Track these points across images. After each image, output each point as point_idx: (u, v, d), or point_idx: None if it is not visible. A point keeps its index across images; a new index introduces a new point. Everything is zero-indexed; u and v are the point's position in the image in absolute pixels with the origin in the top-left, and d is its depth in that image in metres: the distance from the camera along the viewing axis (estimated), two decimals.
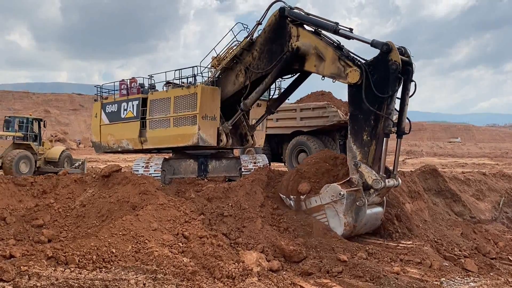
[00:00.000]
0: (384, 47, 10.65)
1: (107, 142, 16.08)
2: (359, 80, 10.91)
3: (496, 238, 13.64)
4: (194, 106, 13.85)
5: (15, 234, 10.64)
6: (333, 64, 11.64)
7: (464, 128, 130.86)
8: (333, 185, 11.04)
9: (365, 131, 10.96)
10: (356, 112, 11.20)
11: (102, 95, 16.55)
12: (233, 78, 14.25)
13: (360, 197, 10.85)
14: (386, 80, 10.67)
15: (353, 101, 11.25)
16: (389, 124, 10.87)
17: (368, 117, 10.90)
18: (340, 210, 10.89)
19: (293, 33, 12.52)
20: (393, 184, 11.37)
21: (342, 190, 10.81)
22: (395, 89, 10.83)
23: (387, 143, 11.03)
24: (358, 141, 11.05)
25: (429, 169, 16.93)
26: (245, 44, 13.71)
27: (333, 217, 11.05)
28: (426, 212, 14.16)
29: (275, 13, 13.02)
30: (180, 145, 14.52)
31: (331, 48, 11.80)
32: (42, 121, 24.19)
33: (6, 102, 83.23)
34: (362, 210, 10.87)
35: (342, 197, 10.79)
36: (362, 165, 10.87)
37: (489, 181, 18.95)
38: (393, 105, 10.98)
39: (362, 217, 10.95)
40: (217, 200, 11.80)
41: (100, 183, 12.57)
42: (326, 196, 11.11)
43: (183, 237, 9.62)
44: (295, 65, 12.69)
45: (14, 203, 11.84)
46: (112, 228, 9.29)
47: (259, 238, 10.28)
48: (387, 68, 10.62)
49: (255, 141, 16.19)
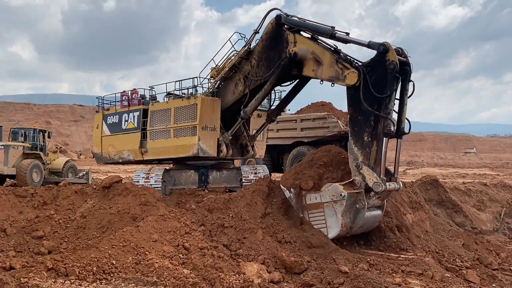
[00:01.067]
0: (381, 47, 10.71)
1: (108, 153, 16.14)
2: (357, 81, 10.93)
3: (498, 249, 13.60)
4: (194, 117, 13.90)
5: (15, 245, 10.61)
6: (331, 68, 11.69)
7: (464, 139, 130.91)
8: (335, 185, 10.99)
9: (365, 132, 10.96)
10: (355, 114, 11.23)
11: (103, 107, 16.63)
12: (233, 87, 14.30)
13: (360, 200, 10.80)
14: (384, 80, 10.71)
15: (352, 103, 11.27)
16: (389, 124, 10.88)
17: (368, 118, 10.92)
18: (338, 211, 10.85)
19: (290, 40, 12.61)
20: (394, 187, 11.32)
21: (343, 191, 10.76)
22: (394, 89, 10.88)
23: (387, 143, 11.02)
24: (359, 142, 11.04)
25: (430, 179, 16.91)
26: (243, 53, 13.80)
27: (331, 216, 11.01)
28: (427, 223, 14.13)
29: (271, 21, 13.14)
30: (180, 156, 14.54)
31: (328, 52, 11.88)
32: (46, 132, 24.55)
33: (7, 113, 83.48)
34: (361, 213, 10.83)
35: (342, 198, 10.75)
36: (364, 166, 10.83)
37: (490, 192, 18.91)
38: (392, 105, 11.00)
39: (360, 220, 10.93)
40: (218, 211, 11.77)
41: (100, 194, 12.56)
42: (326, 194, 11.06)
43: (184, 249, 9.58)
44: (294, 71, 12.74)
45: (15, 214, 11.81)
46: (112, 239, 9.26)
47: (260, 249, 10.24)
48: (385, 68, 10.67)
49: (255, 152, 16.20)
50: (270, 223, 11.48)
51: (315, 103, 25.33)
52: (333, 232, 10.99)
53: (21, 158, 21.79)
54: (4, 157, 20.99)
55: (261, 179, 13.23)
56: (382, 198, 11.34)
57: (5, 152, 21.12)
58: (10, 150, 21.43)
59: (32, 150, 22.71)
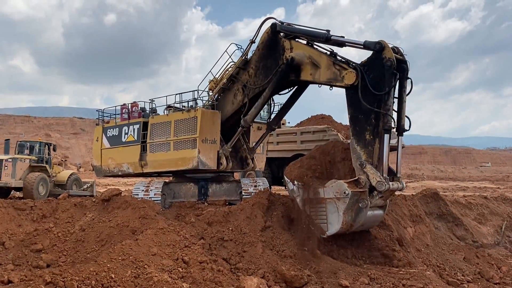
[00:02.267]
0: (377, 46, 10.82)
1: (107, 166, 16.11)
2: (355, 81, 11.00)
3: (499, 262, 13.53)
4: (194, 130, 13.91)
5: (13, 259, 10.56)
6: (329, 70, 11.77)
7: (464, 152, 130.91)
8: (339, 182, 10.94)
9: (367, 130, 10.98)
10: (355, 113, 11.26)
11: (103, 119, 16.65)
12: (231, 98, 14.38)
13: (364, 199, 10.75)
14: (382, 77, 10.80)
15: (352, 103, 11.32)
16: (389, 120, 10.94)
17: (368, 117, 10.96)
18: (341, 208, 10.80)
19: (287, 46, 12.75)
20: (397, 187, 11.32)
21: (347, 189, 10.71)
22: (392, 86, 10.93)
23: (388, 140, 11.01)
24: (361, 141, 11.04)
25: (430, 192, 16.89)
26: (240, 63, 13.94)
27: (333, 212, 10.96)
28: (428, 236, 14.06)
29: (267, 30, 13.29)
30: (180, 169, 14.51)
31: (325, 55, 11.99)
32: (51, 145, 24.99)
33: (8, 126, 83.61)
34: (363, 212, 10.77)
35: (346, 196, 10.70)
36: (367, 165, 10.79)
37: (491, 205, 18.86)
38: (391, 102, 11.04)
39: (362, 219, 10.87)
40: (217, 224, 11.72)
41: (100, 207, 12.53)
42: (330, 191, 11.01)
43: (183, 262, 9.52)
44: (291, 76, 12.79)
45: (13, 227, 11.77)
46: (111, 252, 9.20)
47: (259, 263, 10.18)
48: (382, 65, 10.76)
49: (255, 164, 16.17)
50: (270, 237, 11.42)
51: (315, 116, 25.37)
52: (333, 229, 10.95)
53: (27, 170, 22.17)
54: (12, 169, 21.43)
55: (261, 192, 13.19)
56: (385, 197, 11.32)
57: (13, 164, 21.58)
58: (18, 163, 21.85)
59: (38, 163, 23.05)
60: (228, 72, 14.28)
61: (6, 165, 21.42)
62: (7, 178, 21.28)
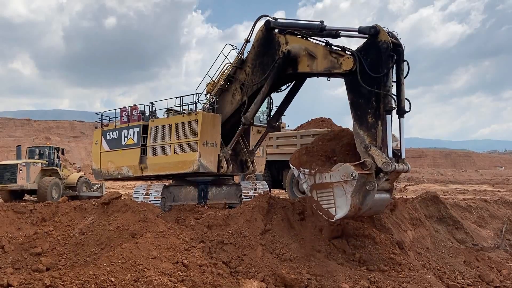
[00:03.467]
0: (371, 30, 10.98)
1: (107, 169, 16.08)
2: (353, 66, 11.15)
3: (500, 266, 13.50)
4: (195, 133, 13.92)
5: (13, 262, 10.53)
6: (326, 59, 11.93)
7: (464, 155, 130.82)
8: (346, 165, 10.90)
9: (368, 113, 11.07)
10: (356, 98, 11.36)
11: (102, 122, 16.64)
12: (230, 98, 14.45)
13: (370, 181, 10.74)
14: (379, 60, 10.94)
15: (352, 89, 11.44)
16: (390, 101, 11.05)
17: (369, 100, 11.07)
18: (348, 191, 10.74)
19: (282, 41, 12.90)
20: (402, 168, 11.34)
21: (354, 172, 10.66)
22: (390, 67, 11.05)
23: (391, 121, 11.10)
24: (364, 125, 11.13)
25: (430, 195, 16.86)
26: (237, 62, 14.06)
27: (340, 196, 10.90)
28: (428, 240, 14.04)
29: (261, 28, 13.46)
30: (180, 172, 14.51)
31: (320, 45, 12.16)
32: (60, 149, 26.56)
33: (8, 129, 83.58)
34: (370, 194, 10.75)
35: (353, 178, 10.64)
36: (372, 147, 10.83)
37: (491, 208, 18.84)
38: (390, 83, 11.16)
39: (369, 201, 10.84)
40: (217, 227, 11.71)
41: (99, 210, 12.51)
42: (337, 174, 10.95)
43: (183, 266, 9.51)
44: (289, 70, 12.91)
45: (13, 230, 11.75)
46: (111, 256, 9.19)
47: (259, 266, 10.17)
48: (378, 48, 10.91)
49: (255, 168, 16.16)
50: (270, 240, 11.42)
51: (315, 119, 25.40)
52: (341, 212, 10.88)
53: (40, 174, 23.80)
54: (26, 173, 23.03)
55: (261, 195, 13.18)
56: (391, 180, 11.36)
57: (27, 168, 23.20)
58: (31, 167, 23.47)
59: (49, 167, 24.60)
60: (225, 73, 14.35)
61: (21, 169, 22.96)
62: (22, 181, 22.86)
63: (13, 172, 23.02)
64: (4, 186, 23.13)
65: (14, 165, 23.22)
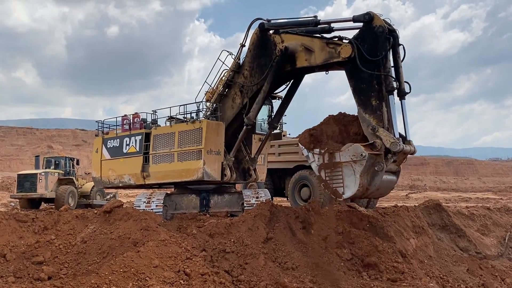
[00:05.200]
0: (366, 16, 11.46)
1: (108, 177, 15.93)
2: (352, 52, 11.51)
3: (503, 274, 13.44)
4: (199, 141, 13.87)
5: (14, 271, 10.51)
6: (323, 51, 12.30)
7: (466, 163, 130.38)
8: (356, 145, 11.14)
9: (372, 97, 11.41)
10: (357, 84, 11.71)
11: (103, 130, 16.57)
12: (230, 103, 14.56)
13: (379, 162, 10.96)
14: (376, 44, 11.42)
15: (352, 76, 11.82)
16: (391, 82, 11.44)
17: (371, 84, 11.43)
18: (357, 170, 10.97)
19: (277, 41, 13.21)
20: (409, 149, 11.58)
21: (364, 151, 10.90)
22: (388, 49, 11.50)
23: (393, 102, 11.43)
24: (368, 108, 11.42)
25: (433, 203, 16.83)
26: (234, 67, 14.24)
27: (349, 176, 11.12)
28: (431, 248, 13.98)
29: (255, 31, 13.75)
30: (184, 180, 14.40)
31: (316, 39, 12.51)
32: (74, 160, 27.77)
33: (10, 137, 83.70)
34: (379, 175, 10.97)
35: (363, 158, 10.89)
36: (380, 129, 11.09)
37: (494, 216, 18.78)
38: (389, 64, 11.62)
39: (377, 182, 11.05)
40: (219, 236, 11.67)
41: (101, 219, 12.49)
42: (346, 154, 11.20)
43: (185, 274, 9.48)
44: (287, 66, 13.19)
45: (15, 239, 11.73)
46: (113, 265, 9.17)
47: (261, 275, 10.12)
48: (375, 33, 11.40)
49: (257, 176, 16.11)
50: (272, 248, 11.38)
51: None
52: (349, 192, 11.10)
53: (57, 183, 24.76)
54: (45, 182, 24.04)
55: (263, 204, 13.14)
56: (398, 162, 11.60)
57: (45, 178, 24.21)
58: (49, 177, 24.50)
59: (65, 176, 25.69)
60: (223, 79, 14.50)
61: (40, 178, 23.95)
62: (41, 190, 23.80)
63: (33, 181, 24.01)
64: (24, 194, 24.09)
65: (34, 175, 24.24)
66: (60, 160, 26.70)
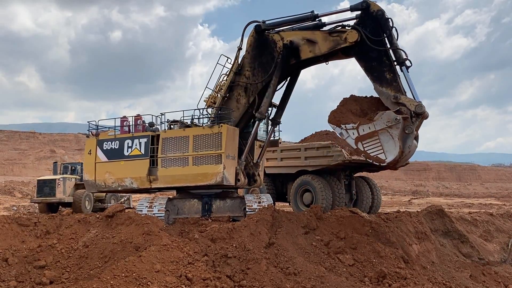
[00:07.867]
0: (363, 4, 12.36)
1: (103, 180, 15.33)
2: (358, 36, 12.30)
3: (506, 280, 13.38)
4: (219, 145, 13.80)
5: (16, 275, 10.50)
6: (327, 41, 13.01)
7: (469, 168, 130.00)
8: (388, 112, 11.67)
9: (385, 71, 12.17)
10: (368, 63, 12.46)
11: (97, 132, 15.87)
12: (235, 104, 14.74)
13: (408, 125, 11.49)
14: (378, 26, 12.26)
15: (362, 57, 12.59)
16: (400, 54, 12.29)
17: (381, 61, 12.25)
18: (395, 134, 11.47)
19: (277, 39, 13.74)
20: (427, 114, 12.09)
21: (397, 116, 11.41)
22: (391, 28, 12.31)
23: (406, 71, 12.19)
24: (384, 82, 12.14)
25: (435, 209, 16.79)
26: (236, 68, 14.48)
27: (388, 141, 11.60)
28: (433, 254, 13.93)
29: (251, 33, 14.17)
30: (199, 184, 14.22)
31: (318, 31, 13.16)
32: None
33: (13, 142, 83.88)
34: (410, 137, 11.53)
35: (398, 122, 11.40)
36: (401, 96, 11.76)
37: (497, 222, 18.72)
38: (395, 40, 12.36)
39: (410, 144, 11.57)
40: (221, 241, 11.65)
41: (103, 223, 12.48)
42: (381, 122, 11.68)
43: (186, 279, 9.47)
44: (292, 60, 13.71)
45: (17, 243, 11.73)
46: (114, 269, 9.16)
47: (264, 280, 10.09)
48: (375, 17, 12.26)
49: (261, 181, 16.12)
50: (274, 253, 11.35)
51: (319, 132, 25.29)
52: (391, 156, 11.57)
53: (74, 188, 25.84)
54: (63, 187, 25.39)
55: (265, 208, 13.13)
56: (417, 126, 12.00)
57: (63, 183, 25.50)
58: (67, 182, 25.77)
59: (81, 181, 25.92)
60: (225, 82, 14.65)
61: (59, 183, 25.25)
62: (60, 195, 25.09)
63: (52, 186, 25.34)
64: (44, 199, 25.40)
65: (53, 180, 25.53)
66: (77, 166, 27.85)
